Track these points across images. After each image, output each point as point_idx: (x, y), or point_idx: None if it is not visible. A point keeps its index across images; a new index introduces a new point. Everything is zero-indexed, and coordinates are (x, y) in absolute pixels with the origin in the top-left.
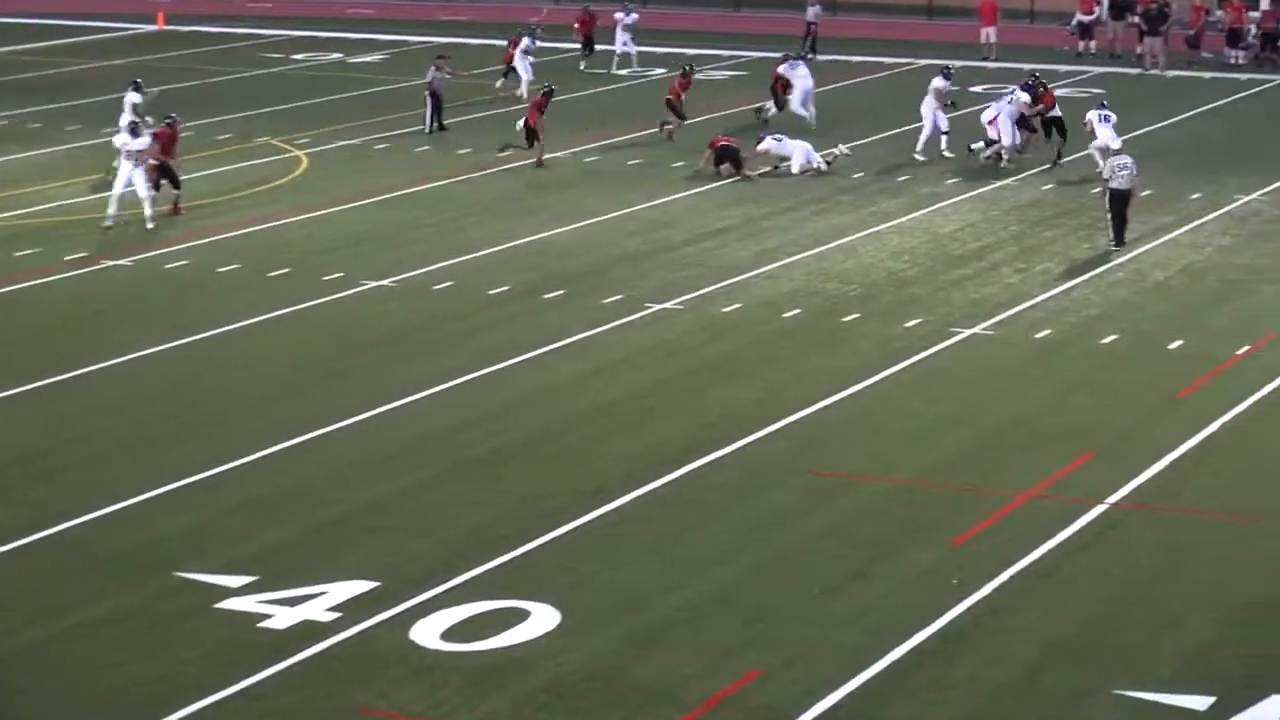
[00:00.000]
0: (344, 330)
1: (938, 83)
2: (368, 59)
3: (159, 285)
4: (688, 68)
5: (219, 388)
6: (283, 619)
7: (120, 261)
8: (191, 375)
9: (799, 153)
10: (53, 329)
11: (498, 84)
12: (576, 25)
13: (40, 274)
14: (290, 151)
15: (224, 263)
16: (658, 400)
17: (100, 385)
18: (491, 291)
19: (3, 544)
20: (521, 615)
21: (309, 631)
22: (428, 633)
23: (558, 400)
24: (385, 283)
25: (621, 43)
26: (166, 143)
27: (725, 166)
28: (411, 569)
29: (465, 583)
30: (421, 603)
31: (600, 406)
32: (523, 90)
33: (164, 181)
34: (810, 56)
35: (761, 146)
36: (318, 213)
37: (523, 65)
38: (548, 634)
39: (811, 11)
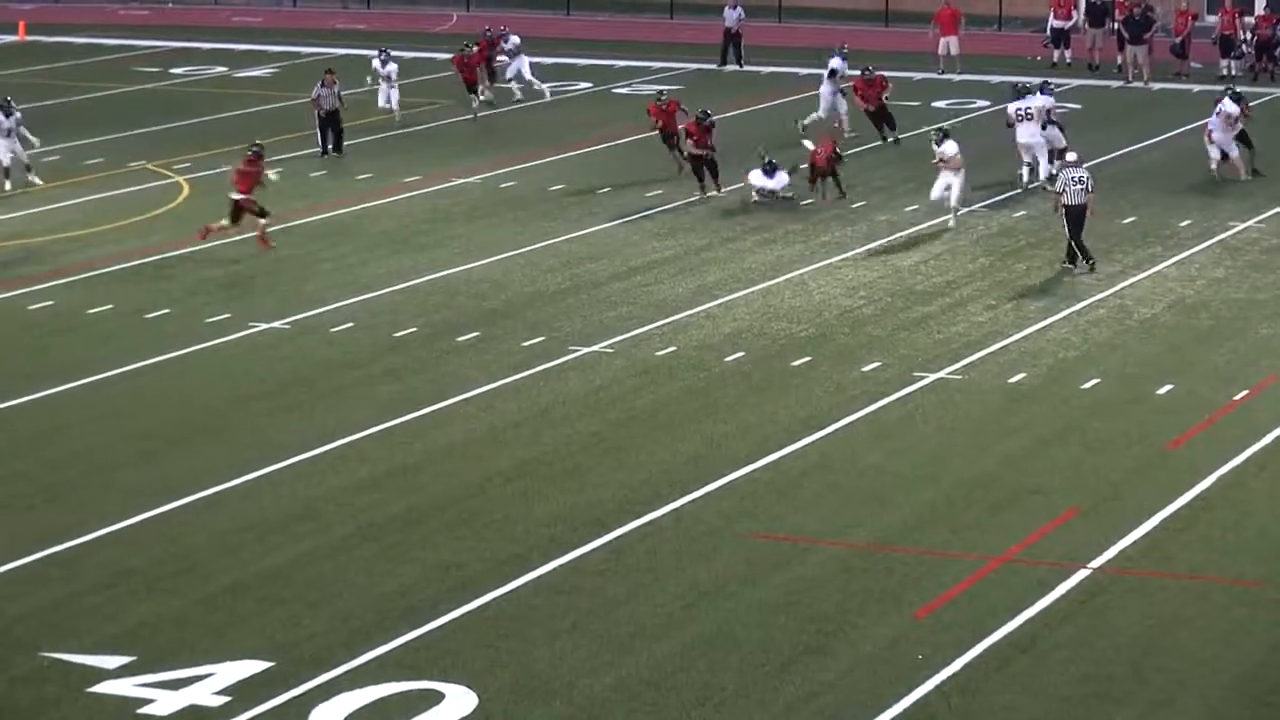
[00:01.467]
0: (232, 379)
1: (835, 63)
2: (254, 73)
3: (18, 329)
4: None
5: (87, 444)
6: (165, 704)
7: None
8: (53, 430)
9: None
10: None
11: (476, 101)
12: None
13: None
14: (170, 177)
15: (95, 303)
16: (584, 456)
17: None
18: (396, 334)
19: None
20: (435, 698)
21: (194, 717)
22: (330, 717)
23: (472, 456)
24: (277, 325)
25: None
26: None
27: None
28: (309, 647)
29: (370, 661)
30: (321, 684)
31: (520, 463)
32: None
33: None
34: (735, 68)
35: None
36: (200, 246)
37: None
38: (463, 719)
39: (731, 16)
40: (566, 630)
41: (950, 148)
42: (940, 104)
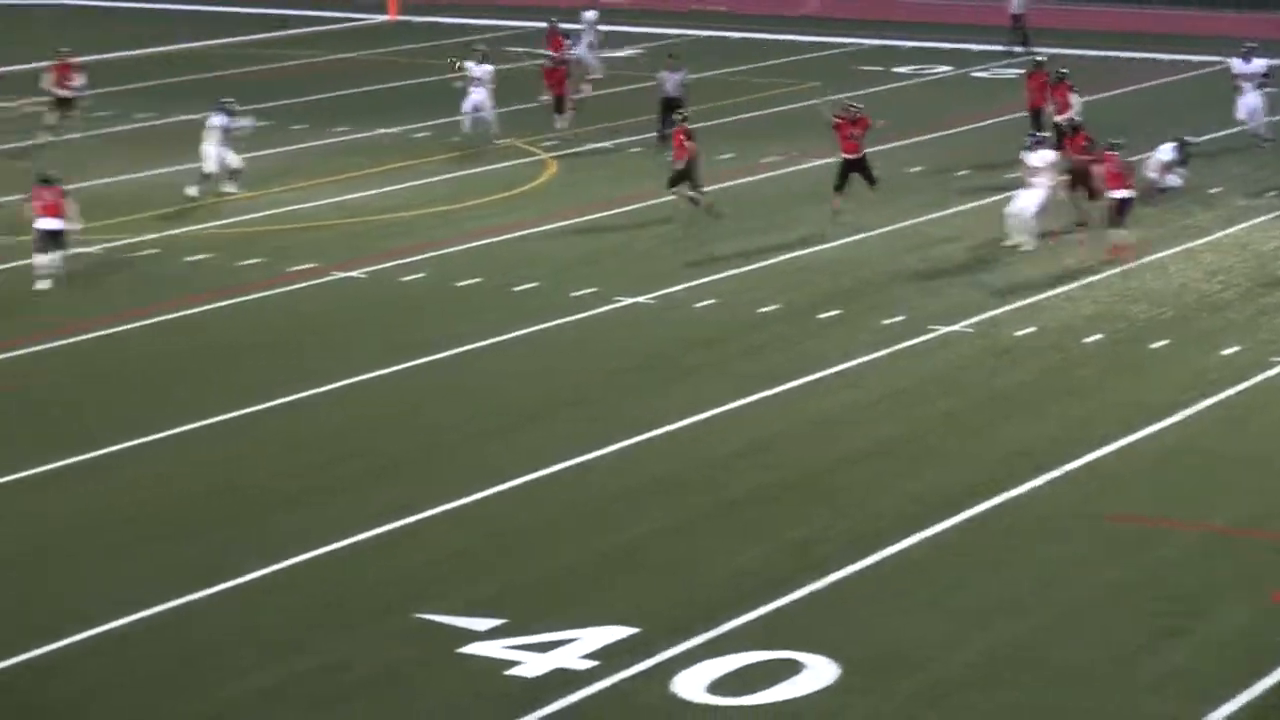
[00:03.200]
0: (596, 353)
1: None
2: (620, 54)
3: (392, 300)
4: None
5: (458, 413)
6: (533, 666)
7: (351, 274)
8: (428, 399)
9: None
10: (278, 345)
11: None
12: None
13: (264, 286)
14: (536, 155)
15: (464, 276)
16: (942, 434)
17: (330, 409)
18: (758, 311)
19: (237, 579)
20: (795, 667)
21: (562, 680)
22: (692, 685)
23: (831, 433)
24: (642, 300)
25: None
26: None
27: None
28: (672, 615)
29: (730, 631)
30: (684, 652)
31: (878, 441)
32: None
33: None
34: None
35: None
36: (566, 222)
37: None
38: (826, 689)
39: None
40: (923, 606)
41: None
42: None
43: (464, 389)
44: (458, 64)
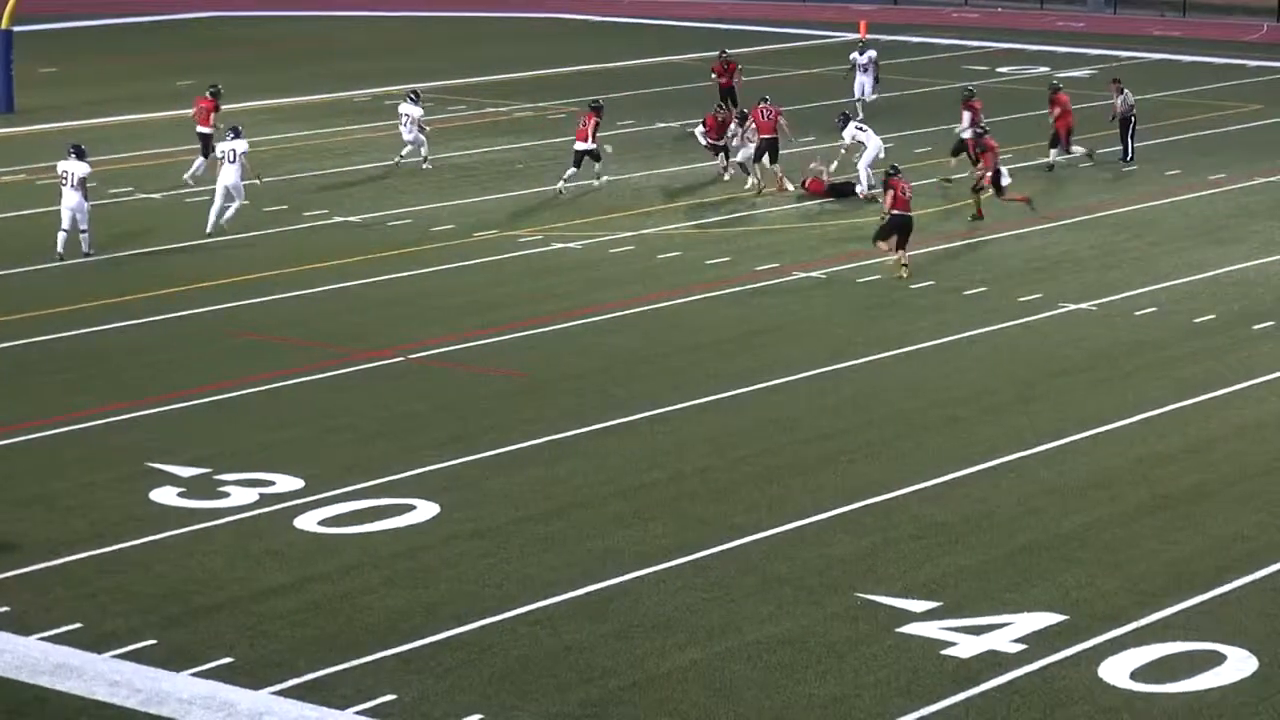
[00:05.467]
0: (1041, 354)
1: None
2: (1075, 74)
3: (846, 300)
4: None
5: (903, 407)
6: (967, 647)
7: (812, 273)
8: (873, 394)
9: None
10: (726, 341)
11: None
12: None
13: (726, 284)
14: None
15: (917, 279)
16: None
17: (771, 401)
18: (1196, 320)
19: (672, 560)
20: (1216, 659)
21: (993, 662)
22: (1116, 671)
23: (1263, 438)
24: (1085, 306)
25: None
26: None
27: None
28: (1101, 604)
29: (1156, 622)
30: (1110, 640)
31: None
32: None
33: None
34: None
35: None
36: (1015, 231)
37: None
38: (1243, 681)
39: None
40: None
41: None
42: None
43: (910, 383)
44: None
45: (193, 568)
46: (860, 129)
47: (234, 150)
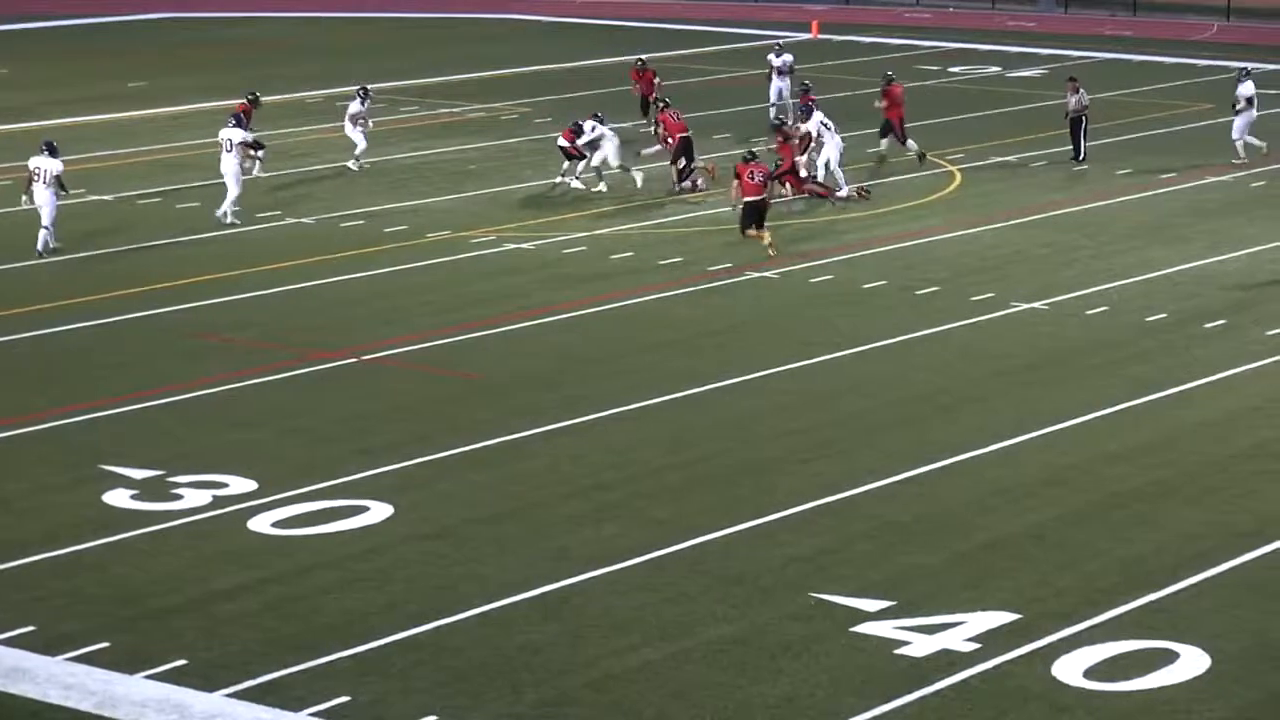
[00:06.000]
0: (992, 353)
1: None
2: (1027, 73)
3: (801, 300)
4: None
5: (855, 408)
6: (920, 646)
7: (765, 274)
8: (827, 394)
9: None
10: (681, 342)
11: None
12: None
13: (680, 284)
14: (943, 167)
15: (870, 279)
16: None
17: (726, 401)
18: (1148, 319)
19: (628, 560)
20: (1170, 657)
21: (946, 661)
22: (1070, 670)
23: (1215, 436)
24: (1036, 305)
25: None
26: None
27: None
28: (1055, 603)
29: (1110, 620)
30: (1064, 638)
31: (1260, 443)
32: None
33: None
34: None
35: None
36: (967, 231)
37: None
38: (1196, 679)
39: None
40: None
41: None
42: None
43: (864, 382)
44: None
45: (147, 570)
46: (825, 125)
47: (230, 140)
